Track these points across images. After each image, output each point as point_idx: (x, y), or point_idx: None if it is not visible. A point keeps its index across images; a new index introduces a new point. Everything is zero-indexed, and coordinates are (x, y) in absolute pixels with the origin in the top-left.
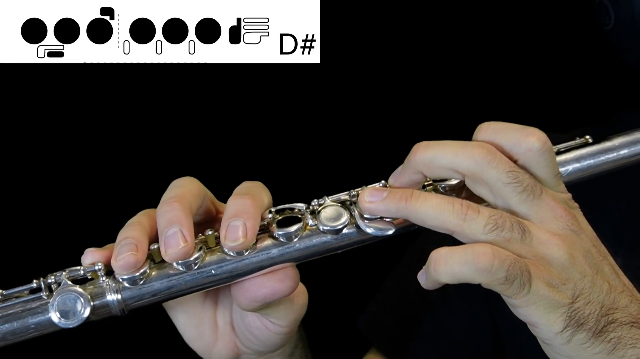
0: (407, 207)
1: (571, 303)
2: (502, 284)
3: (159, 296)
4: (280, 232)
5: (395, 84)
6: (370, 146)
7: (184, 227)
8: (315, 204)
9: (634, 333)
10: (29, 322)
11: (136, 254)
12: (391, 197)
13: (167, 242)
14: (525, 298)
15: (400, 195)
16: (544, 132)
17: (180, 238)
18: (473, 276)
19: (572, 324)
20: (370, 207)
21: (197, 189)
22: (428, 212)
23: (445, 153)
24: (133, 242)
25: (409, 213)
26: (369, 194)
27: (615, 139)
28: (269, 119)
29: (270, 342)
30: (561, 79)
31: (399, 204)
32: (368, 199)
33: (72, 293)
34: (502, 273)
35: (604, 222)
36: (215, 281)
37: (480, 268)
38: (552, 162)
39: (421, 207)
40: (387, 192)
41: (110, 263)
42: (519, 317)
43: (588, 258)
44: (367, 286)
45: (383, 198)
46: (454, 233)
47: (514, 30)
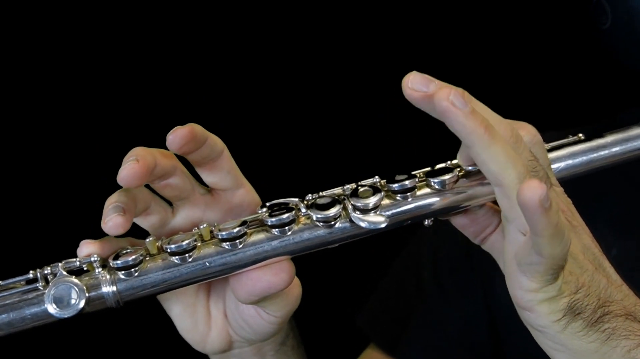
0: (484, 135)
1: (573, 293)
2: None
3: (154, 288)
4: (273, 220)
5: (391, 82)
6: (369, 146)
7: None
8: (310, 198)
9: (628, 324)
10: (25, 312)
11: (123, 216)
12: (475, 115)
13: (122, 169)
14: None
15: (481, 119)
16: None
17: (134, 164)
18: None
19: (569, 313)
20: (445, 106)
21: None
22: (499, 154)
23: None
24: (120, 205)
25: (480, 141)
26: (441, 87)
27: (607, 136)
28: (266, 118)
29: (263, 331)
30: (558, 78)
31: (479, 128)
32: (414, 84)
33: (67, 283)
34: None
35: (598, 214)
36: (210, 273)
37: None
38: (544, 155)
39: (496, 146)
40: (471, 101)
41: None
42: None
43: (587, 253)
44: (365, 282)
45: (464, 104)
46: (501, 186)
47: (512, 30)
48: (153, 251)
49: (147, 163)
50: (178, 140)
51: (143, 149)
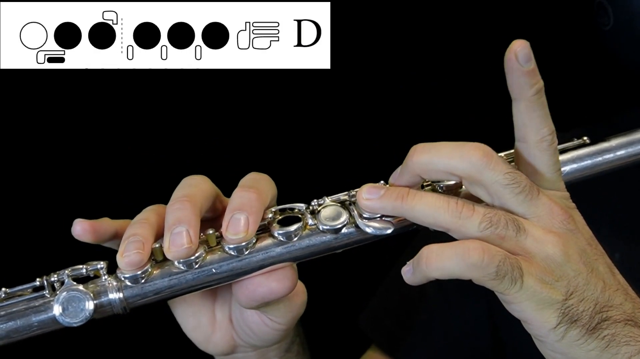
0: (403, 205)
1: (564, 299)
2: (492, 279)
3: (161, 295)
4: (280, 232)
5: (394, 86)
6: (370, 147)
7: (191, 227)
8: (315, 204)
9: (628, 330)
10: (32, 320)
11: (142, 253)
12: (388, 195)
13: (172, 240)
14: (517, 294)
15: (397, 193)
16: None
17: (185, 238)
18: (463, 272)
19: (565, 321)
20: (367, 205)
21: (208, 190)
22: (424, 210)
23: (442, 156)
24: (140, 240)
25: (405, 211)
26: (367, 192)
27: (612, 139)
28: (271, 123)
29: (268, 337)
30: (560, 79)
31: (395, 202)
32: (365, 197)
33: (75, 291)
34: (492, 268)
35: (602, 217)
36: (216, 279)
37: (470, 263)
38: (555, 157)
39: (417, 205)
40: (384, 190)
41: (115, 258)
42: (513, 313)
43: (583, 256)
44: (367, 283)
45: (380, 196)
46: (449, 231)
47: (513, 31)
48: (159, 258)
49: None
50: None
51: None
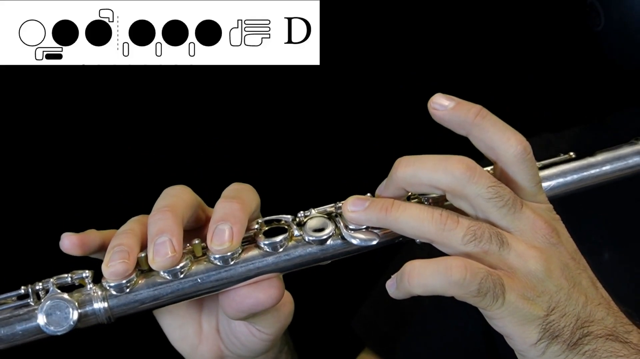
0: (387, 217)
1: (546, 315)
2: (474, 296)
3: (146, 305)
4: (266, 242)
5: (394, 86)
6: (358, 158)
7: (174, 237)
8: (301, 215)
9: (609, 345)
10: (16, 328)
11: (127, 262)
12: (372, 207)
13: (156, 250)
14: (499, 310)
15: (381, 205)
16: (525, 139)
17: (169, 247)
18: (445, 289)
19: (546, 337)
20: (352, 216)
21: (189, 199)
22: (408, 221)
23: (425, 170)
24: (125, 249)
25: (390, 223)
26: (352, 204)
27: (598, 155)
28: (263, 118)
29: (255, 348)
30: (553, 79)
31: (379, 213)
32: (350, 208)
33: (59, 300)
34: (474, 286)
35: (590, 220)
36: (202, 290)
37: (452, 281)
38: (533, 170)
39: (401, 217)
40: (369, 201)
41: (101, 268)
42: (495, 329)
43: (565, 271)
44: (361, 286)
45: (365, 207)
46: (433, 242)
47: (506, 32)
48: (145, 267)
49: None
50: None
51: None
